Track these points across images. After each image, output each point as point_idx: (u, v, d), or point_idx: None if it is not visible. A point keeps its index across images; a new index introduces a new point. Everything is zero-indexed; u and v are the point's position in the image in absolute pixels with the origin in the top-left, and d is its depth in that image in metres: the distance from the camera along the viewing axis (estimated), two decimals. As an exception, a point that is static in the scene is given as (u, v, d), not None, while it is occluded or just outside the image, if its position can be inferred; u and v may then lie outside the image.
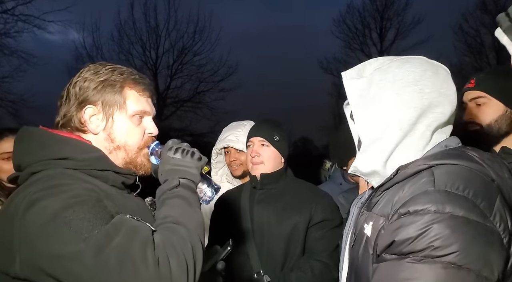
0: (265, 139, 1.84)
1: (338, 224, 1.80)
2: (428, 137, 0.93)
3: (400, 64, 0.95)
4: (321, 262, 1.70)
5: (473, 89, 1.52)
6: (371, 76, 0.96)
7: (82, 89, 1.07)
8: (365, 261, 0.93)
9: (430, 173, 0.85)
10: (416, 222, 0.78)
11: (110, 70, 1.10)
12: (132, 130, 1.12)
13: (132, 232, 0.89)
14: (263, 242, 1.74)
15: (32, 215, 0.86)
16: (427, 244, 0.75)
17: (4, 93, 12.78)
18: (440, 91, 0.92)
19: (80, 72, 1.11)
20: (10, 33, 12.56)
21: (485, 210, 0.77)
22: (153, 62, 16.08)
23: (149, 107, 1.16)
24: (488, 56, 16.54)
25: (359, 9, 17.71)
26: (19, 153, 1.06)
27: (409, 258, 0.78)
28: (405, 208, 0.82)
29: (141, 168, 1.14)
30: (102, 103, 1.08)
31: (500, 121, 1.47)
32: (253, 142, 1.86)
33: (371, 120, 0.94)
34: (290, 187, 1.87)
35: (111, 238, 0.86)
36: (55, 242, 0.84)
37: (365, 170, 0.97)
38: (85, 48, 15.03)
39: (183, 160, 1.08)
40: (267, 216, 1.77)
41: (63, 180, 0.95)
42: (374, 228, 0.91)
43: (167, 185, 1.05)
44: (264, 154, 1.83)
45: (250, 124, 2.21)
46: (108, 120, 1.09)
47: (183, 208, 1.00)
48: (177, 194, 1.02)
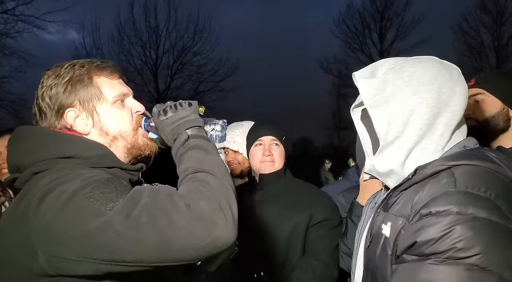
0: (276, 138, 1.85)
1: (338, 223, 1.80)
2: (448, 136, 0.93)
3: (415, 63, 0.96)
4: (322, 262, 1.69)
5: (472, 87, 1.56)
6: (385, 76, 0.96)
7: (53, 98, 1.02)
8: (382, 262, 0.92)
9: (451, 174, 0.85)
10: (438, 223, 0.78)
11: (70, 68, 1.05)
12: (120, 116, 1.08)
13: (155, 191, 0.87)
14: (263, 242, 1.73)
15: (48, 202, 0.83)
16: (450, 246, 0.75)
17: (4, 93, 12.79)
18: (455, 90, 0.93)
19: (41, 82, 1.05)
20: (10, 33, 12.57)
21: (506, 211, 0.77)
22: (153, 62, 16.08)
23: (125, 88, 1.11)
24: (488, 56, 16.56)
25: (359, 9, 17.77)
26: (16, 153, 1.00)
27: (431, 260, 0.77)
28: (427, 208, 0.82)
29: (145, 148, 1.11)
30: (80, 102, 1.03)
31: (497, 117, 1.50)
32: (263, 141, 1.85)
33: (389, 120, 0.93)
34: (290, 187, 1.86)
35: (137, 201, 0.83)
36: (79, 220, 0.80)
37: (383, 169, 0.96)
38: (85, 48, 15.04)
39: (177, 114, 1.06)
40: (267, 216, 1.76)
41: (73, 170, 0.92)
42: (393, 228, 0.90)
43: (178, 142, 1.03)
44: (275, 153, 1.83)
45: (249, 124, 2.21)
46: (93, 115, 1.04)
47: (200, 156, 0.98)
48: (190, 146, 1.01)
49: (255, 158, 1.86)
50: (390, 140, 0.94)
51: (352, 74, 1.03)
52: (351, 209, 1.65)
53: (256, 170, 1.87)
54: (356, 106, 1.14)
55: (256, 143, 1.87)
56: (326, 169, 8.96)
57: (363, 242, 1.11)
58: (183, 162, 0.99)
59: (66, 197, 0.82)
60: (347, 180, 2.49)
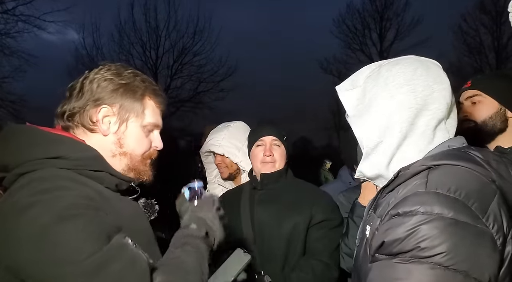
0: (277, 138, 1.85)
1: (338, 223, 1.80)
2: (429, 136, 0.93)
3: (390, 67, 0.97)
4: (322, 262, 1.70)
5: (469, 89, 1.57)
6: (364, 85, 0.98)
7: (101, 88, 1.03)
8: (364, 262, 0.94)
9: (425, 175, 0.86)
10: (404, 223, 0.79)
11: (132, 75, 1.08)
12: (142, 140, 1.10)
13: (130, 263, 0.85)
14: (264, 242, 1.74)
15: (22, 224, 0.80)
16: (415, 245, 0.76)
17: (4, 93, 12.79)
18: (433, 88, 0.92)
19: (99, 69, 1.07)
20: (11, 33, 12.58)
21: (477, 211, 0.77)
22: (153, 62, 16.09)
23: (161, 121, 1.15)
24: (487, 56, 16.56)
25: (358, 9, 17.77)
26: (4, 152, 0.97)
27: (397, 258, 0.78)
28: (396, 209, 0.83)
29: (144, 174, 1.12)
30: (120, 106, 1.05)
31: (495, 118, 1.50)
32: (265, 141, 1.85)
33: (370, 127, 0.95)
34: (290, 187, 1.87)
35: (107, 265, 0.81)
36: (41, 258, 0.78)
37: (370, 174, 0.98)
38: (85, 49, 15.01)
39: (215, 223, 1.14)
40: (267, 216, 1.77)
41: (56, 183, 0.88)
42: (372, 229, 0.93)
43: (196, 232, 1.07)
44: (276, 153, 1.84)
45: (236, 125, 2.19)
46: (122, 125, 1.06)
47: (197, 260, 1.01)
48: (197, 245, 1.04)
49: (256, 158, 1.86)
50: (372, 146, 0.96)
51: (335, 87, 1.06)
52: (353, 209, 1.65)
53: (257, 170, 1.87)
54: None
55: (257, 143, 1.87)
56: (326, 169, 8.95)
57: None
58: (184, 252, 1.00)
59: (39, 228, 0.79)
60: (340, 181, 2.50)
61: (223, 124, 2.23)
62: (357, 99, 0.98)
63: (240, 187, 2.03)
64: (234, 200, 1.92)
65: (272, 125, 1.92)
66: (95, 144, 1.05)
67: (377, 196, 1.03)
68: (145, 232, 1.09)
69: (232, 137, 2.11)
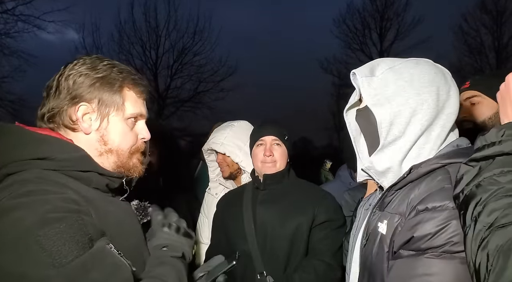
0: (278, 138, 1.84)
1: (341, 224, 1.80)
2: (443, 138, 0.96)
3: (413, 65, 0.97)
4: (325, 262, 1.69)
5: (468, 89, 1.56)
6: (385, 76, 0.97)
7: (76, 84, 0.98)
8: (379, 259, 0.94)
9: (446, 171, 0.87)
10: (434, 218, 0.79)
11: (108, 67, 1.02)
12: (127, 134, 1.05)
13: (112, 270, 0.83)
14: (266, 243, 1.74)
15: (4, 226, 0.78)
16: (446, 240, 0.76)
17: (4, 93, 12.81)
18: (449, 93, 0.95)
19: (74, 64, 1.01)
20: (10, 33, 12.60)
21: None
22: (153, 62, 16.09)
23: (145, 109, 1.10)
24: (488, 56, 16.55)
25: (359, 9, 17.77)
26: None
27: (427, 254, 0.78)
28: (423, 204, 0.83)
29: (134, 170, 1.07)
30: (98, 102, 1.00)
31: (494, 119, 1.50)
32: (265, 141, 1.84)
33: (392, 120, 0.94)
34: (293, 187, 1.86)
35: (87, 271, 0.79)
36: (23, 261, 0.76)
37: (381, 168, 0.97)
38: (85, 48, 15.04)
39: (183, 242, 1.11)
40: (270, 216, 1.76)
41: (39, 186, 0.85)
42: (390, 225, 0.92)
43: (169, 253, 1.06)
44: (276, 153, 1.82)
45: (240, 124, 2.18)
46: (103, 120, 1.01)
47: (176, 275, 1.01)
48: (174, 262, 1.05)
49: (256, 158, 1.85)
50: (390, 139, 0.95)
51: (351, 71, 1.03)
52: (357, 208, 1.65)
53: (258, 170, 1.87)
54: (350, 107, 1.14)
55: (258, 143, 1.86)
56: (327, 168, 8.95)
57: (359, 242, 1.12)
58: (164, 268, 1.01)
59: (20, 231, 0.77)
60: (339, 181, 2.48)
61: (227, 123, 2.22)
62: (375, 89, 0.96)
63: (242, 187, 2.02)
64: (236, 200, 1.91)
65: (274, 125, 1.90)
66: (80, 143, 1.01)
67: (383, 194, 1.02)
68: (134, 235, 1.05)
69: (235, 137, 2.10)
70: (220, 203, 2.02)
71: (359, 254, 1.10)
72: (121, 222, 0.99)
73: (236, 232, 1.81)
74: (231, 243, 1.83)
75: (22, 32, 12.68)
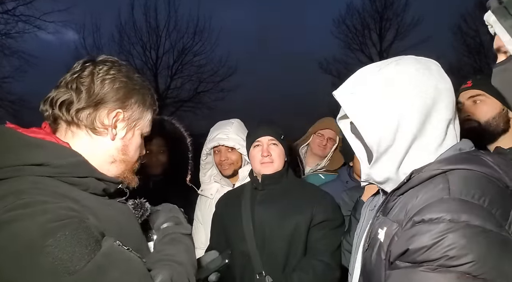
0: (274, 138, 1.84)
1: (339, 224, 1.80)
2: (440, 138, 0.92)
3: (392, 67, 0.94)
4: (323, 262, 1.70)
5: (470, 88, 1.56)
6: (367, 88, 0.94)
7: (114, 90, 0.98)
8: (377, 266, 0.93)
9: (445, 180, 0.84)
10: (431, 231, 0.77)
11: (142, 80, 1.07)
12: (139, 148, 1.10)
13: (127, 266, 0.83)
14: (265, 243, 1.74)
15: (4, 241, 0.74)
16: (442, 253, 0.74)
17: (5, 93, 12.80)
18: (437, 87, 0.91)
19: (108, 66, 0.99)
20: (11, 33, 12.60)
21: (500, 218, 0.76)
22: (153, 62, 16.09)
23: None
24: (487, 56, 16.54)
25: (358, 9, 17.74)
26: None
27: (423, 267, 0.77)
28: (420, 216, 0.81)
29: (132, 182, 1.10)
30: (132, 113, 1.03)
31: (498, 119, 1.50)
32: (261, 142, 1.85)
33: (379, 132, 0.92)
34: (291, 187, 1.87)
35: (104, 272, 0.78)
36: (33, 274, 0.73)
37: (379, 179, 0.96)
38: (85, 49, 15.05)
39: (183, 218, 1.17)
40: (268, 216, 1.77)
41: (35, 197, 0.81)
42: (387, 234, 0.90)
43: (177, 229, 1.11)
44: (273, 153, 1.83)
45: (238, 122, 2.20)
46: (129, 131, 1.04)
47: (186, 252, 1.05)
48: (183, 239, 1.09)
49: (254, 159, 1.86)
50: (382, 151, 0.93)
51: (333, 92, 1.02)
52: (356, 207, 1.66)
53: (256, 171, 1.87)
54: (341, 118, 1.13)
55: (254, 144, 1.87)
56: (326, 169, 8.93)
57: (362, 244, 1.11)
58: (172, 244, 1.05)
59: (24, 245, 0.74)
60: (338, 180, 2.50)
61: (224, 122, 2.22)
62: (361, 103, 0.95)
63: (241, 187, 2.03)
64: (235, 200, 1.92)
65: (269, 125, 1.91)
66: (95, 146, 0.99)
67: (386, 198, 1.01)
68: (134, 236, 1.05)
69: (239, 131, 2.13)
70: (219, 204, 2.02)
71: (361, 257, 1.09)
72: (120, 224, 0.99)
73: (235, 233, 1.81)
74: (230, 243, 1.84)
75: (23, 33, 12.70)
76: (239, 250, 1.77)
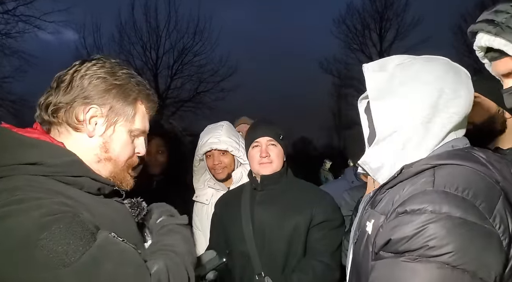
0: (273, 138, 1.82)
1: (339, 224, 1.79)
2: (441, 138, 0.93)
3: (424, 62, 0.96)
4: (323, 263, 1.69)
5: None
6: (393, 71, 0.96)
7: (92, 85, 0.97)
8: (365, 258, 0.94)
9: (431, 173, 0.85)
10: (412, 221, 0.78)
11: (127, 76, 1.02)
12: (128, 146, 1.05)
13: (121, 257, 0.83)
14: (264, 243, 1.73)
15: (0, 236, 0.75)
16: (422, 244, 0.76)
17: (5, 93, 12.81)
18: (459, 94, 0.92)
19: (92, 64, 1.00)
20: (11, 33, 12.60)
21: (484, 211, 0.77)
22: (153, 62, 16.10)
23: (148, 127, 1.11)
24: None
25: (358, 9, 17.76)
26: None
27: (404, 257, 0.78)
28: (403, 207, 0.83)
29: (126, 183, 1.07)
30: (110, 108, 0.99)
31: (493, 120, 1.50)
32: (260, 142, 1.83)
33: (389, 114, 0.93)
34: (291, 188, 1.85)
35: (99, 263, 0.78)
36: (28, 268, 0.74)
37: (374, 164, 0.97)
38: (85, 49, 15.06)
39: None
40: (268, 217, 1.76)
41: (29, 194, 0.82)
42: (375, 225, 0.92)
43: (174, 220, 1.12)
44: (272, 153, 1.81)
45: (228, 124, 2.18)
46: (109, 128, 1.00)
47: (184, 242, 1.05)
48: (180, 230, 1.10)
49: (253, 159, 1.84)
50: (386, 133, 0.94)
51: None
52: (357, 207, 1.66)
53: (255, 171, 1.86)
54: (363, 98, 1.14)
55: (253, 144, 1.85)
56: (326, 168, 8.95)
57: (352, 237, 1.13)
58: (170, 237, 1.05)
59: (19, 239, 0.75)
60: (344, 179, 2.51)
61: (212, 125, 2.19)
62: (381, 83, 0.96)
63: (240, 187, 2.01)
64: (234, 201, 1.91)
65: (268, 125, 1.88)
66: (79, 144, 0.99)
67: (376, 191, 1.02)
68: (130, 235, 1.04)
69: (229, 133, 2.11)
70: (218, 204, 2.01)
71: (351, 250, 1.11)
72: (115, 221, 0.99)
73: (235, 233, 1.81)
74: (230, 244, 1.83)
75: (23, 33, 12.69)
76: (239, 250, 1.76)
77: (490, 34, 0.87)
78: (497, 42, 0.86)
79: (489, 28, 0.87)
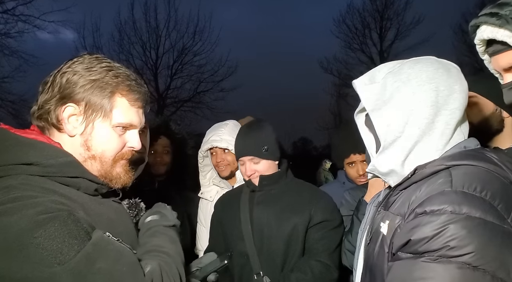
0: (255, 156, 1.78)
1: (338, 224, 1.80)
2: (448, 136, 0.94)
3: (412, 64, 0.97)
4: (321, 263, 1.69)
5: None
6: (384, 80, 0.98)
7: (69, 83, 0.95)
8: (380, 259, 0.94)
9: (448, 174, 0.86)
10: (432, 222, 0.78)
11: (104, 70, 0.98)
12: (112, 142, 1.00)
13: (116, 256, 0.83)
14: (263, 243, 1.74)
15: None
16: (443, 244, 0.76)
17: (5, 93, 12.80)
18: (454, 88, 0.93)
19: (73, 61, 0.98)
20: (11, 33, 12.58)
21: (502, 211, 0.77)
22: (153, 62, 16.10)
23: (138, 119, 1.05)
24: (488, 56, 16.50)
25: (359, 9, 17.75)
26: None
27: (424, 258, 0.78)
28: (422, 207, 0.83)
29: (116, 181, 1.03)
30: (86, 105, 0.96)
31: (491, 119, 1.50)
32: (244, 161, 1.82)
33: (389, 121, 0.95)
34: (290, 188, 1.86)
35: (93, 262, 0.78)
36: (23, 265, 0.73)
37: (383, 169, 0.98)
38: (85, 48, 15.05)
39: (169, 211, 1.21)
40: (266, 217, 1.76)
41: (25, 192, 0.82)
42: (390, 226, 0.92)
43: (160, 221, 1.13)
44: (258, 169, 1.80)
45: (233, 123, 2.20)
46: (88, 125, 0.97)
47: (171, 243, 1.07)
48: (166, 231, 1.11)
49: (243, 174, 1.86)
50: (390, 140, 0.95)
51: (352, 81, 1.06)
52: (358, 207, 1.66)
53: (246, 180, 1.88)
54: (359, 111, 1.16)
55: (239, 161, 1.86)
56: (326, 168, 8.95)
57: (364, 239, 1.13)
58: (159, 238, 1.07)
59: (13, 236, 0.74)
60: (337, 181, 2.51)
61: (218, 124, 2.23)
62: (375, 94, 0.98)
63: (239, 188, 2.02)
64: (233, 201, 1.91)
65: (249, 140, 1.80)
66: (64, 145, 0.97)
67: (389, 193, 1.02)
68: (127, 235, 1.03)
69: (233, 132, 2.10)
70: (218, 204, 2.02)
71: (363, 251, 1.11)
72: (111, 221, 0.99)
73: (234, 233, 1.81)
74: (229, 244, 1.83)
75: (22, 33, 12.67)
76: (238, 250, 1.76)
77: (494, 26, 0.87)
78: (501, 33, 0.86)
79: (492, 20, 0.86)
